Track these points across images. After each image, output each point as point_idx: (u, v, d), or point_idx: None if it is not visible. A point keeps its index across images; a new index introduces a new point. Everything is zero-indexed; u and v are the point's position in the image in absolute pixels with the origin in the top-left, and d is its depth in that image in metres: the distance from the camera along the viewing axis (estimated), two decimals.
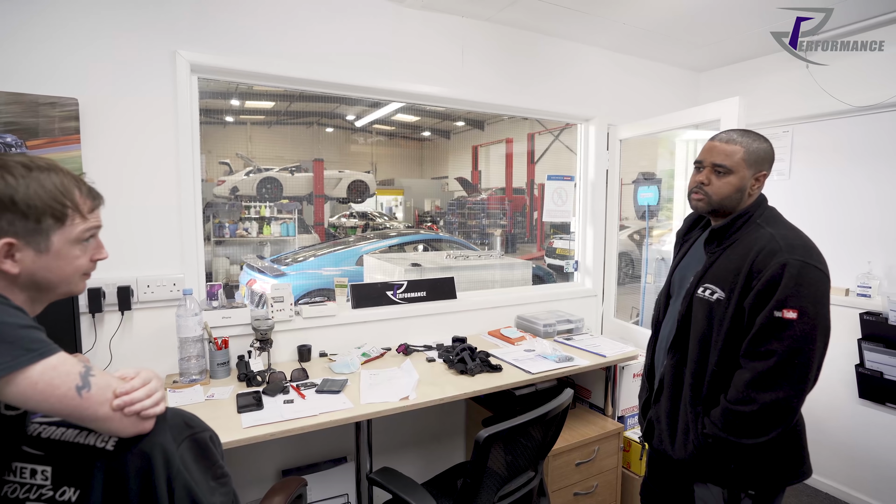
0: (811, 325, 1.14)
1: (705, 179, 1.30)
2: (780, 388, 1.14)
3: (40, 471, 0.79)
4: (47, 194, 0.77)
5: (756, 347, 1.17)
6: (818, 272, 1.17)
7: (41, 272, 0.79)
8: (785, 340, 1.14)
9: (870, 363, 2.32)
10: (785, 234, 1.23)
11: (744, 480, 1.24)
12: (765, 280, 1.16)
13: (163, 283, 1.77)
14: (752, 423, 1.17)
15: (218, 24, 1.82)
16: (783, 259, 1.16)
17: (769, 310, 1.15)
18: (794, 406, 1.17)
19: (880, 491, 2.37)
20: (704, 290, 1.28)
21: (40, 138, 1.53)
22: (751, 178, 1.28)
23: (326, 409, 1.52)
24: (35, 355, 0.72)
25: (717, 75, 3.10)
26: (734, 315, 1.21)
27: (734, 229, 1.29)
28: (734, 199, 1.29)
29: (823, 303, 1.17)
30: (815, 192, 2.65)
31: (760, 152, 1.29)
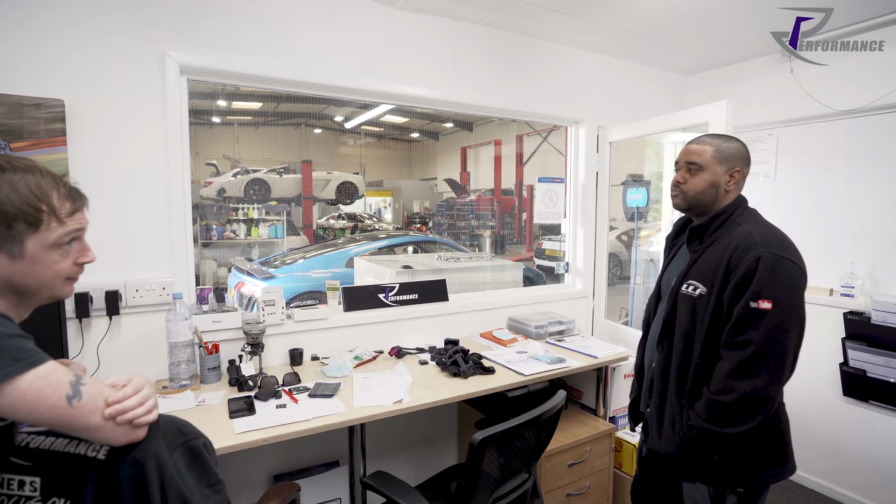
0: (785, 315, 1.19)
1: (681, 178, 1.39)
2: (758, 377, 1.18)
3: (29, 482, 0.77)
4: (20, 198, 0.74)
5: (734, 338, 1.21)
6: (792, 265, 1.22)
7: (17, 277, 0.76)
8: (761, 330, 1.18)
9: (853, 362, 2.37)
10: (761, 231, 1.28)
11: (729, 475, 1.27)
12: (741, 273, 1.21)
13: (152, 287, 1.75)
14: (733, 412, 1.20)
15: (208, 26, 1.80)
16: (758, 252, 1.21)
17: (745, 301, 1.20)
18: (772, 394, 1.20)
19: (864, 486, 2.42)
20: (688, 286, 1.33)
21: (25, 140, 1.50)
22: (724, 174, 1.36)
23: (320, 414, 1.51)
24: (23, 365, 0.70)
25: (704, 78, 3.14)
26: (715, 308, 1.26)
27: (714, 228, 1.35)
28: (709, 194, 1.36)
29: (797, 294, 1.22)
30: (800, 194, 2.70)
31: (731, 150, 1.37)
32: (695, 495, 1.33)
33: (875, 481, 2.38)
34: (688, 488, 1.34)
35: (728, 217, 1.35)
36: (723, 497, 1.28)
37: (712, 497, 1.29)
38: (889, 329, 2.22)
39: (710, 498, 1.29)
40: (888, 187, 2.36)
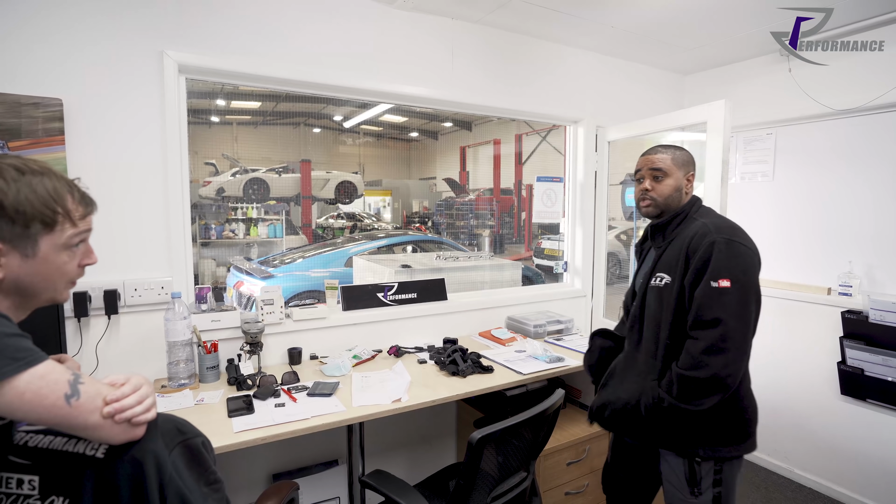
0: (744, 291, 1.30)
1: (649, 186, 1.49)
2: (729, 353, 1.26)
3: (27, 480, 0.77)
4: (38, 200, 0.76)
5: (702, 316, 1.30)
6: (743, 247, 1.34)
7: (26, 277, 0.77)
8: (726, 307, 1.28)
9: (851, 360, 2.38)
10: (714, 221, 1.41)
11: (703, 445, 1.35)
12: (699, 258, 1.33)
13: (150, 287, 1.75)
14: (702, 387, 1.27)
15: (206, 25, 1.80)
16: (711, 238, 1.33)
17: (706, 282, 1.30)
18: (737, 370, 1.28)
19: (862, 485, 2.43)
20: (656, 279, 1.45)
21: (23, 139, 1.50)
22: (683, 178, 1.49)
23: (318, 413, 1.51)
24: (21, 364, 0.70)
25: (702, 78, 3.15)
26: (678, 294, 1.37)
27: (675, 225, 1.48)
28: (675, 197, 1.48)
29: (751, 271, 1.33)
30: (798, 194, 2.71)
31: (684, 157, 1.51)
32: (669, 474, 1.42)
33: (873, 479, 2.39)
34: (664, 468, 1.43)
35: (686, 215, 1.47)
36: (696, 473, 1.36)
37: (687, 474, 1.37)
38: (887, 328, 2.23)
39: (686, 475, 1.37)
40: (886, 186, 2.36)
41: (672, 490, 1.42)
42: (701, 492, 1.36)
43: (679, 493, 1.40)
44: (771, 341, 2.79)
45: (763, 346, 2.81)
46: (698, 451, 1.35)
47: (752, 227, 2.86)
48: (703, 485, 1.35)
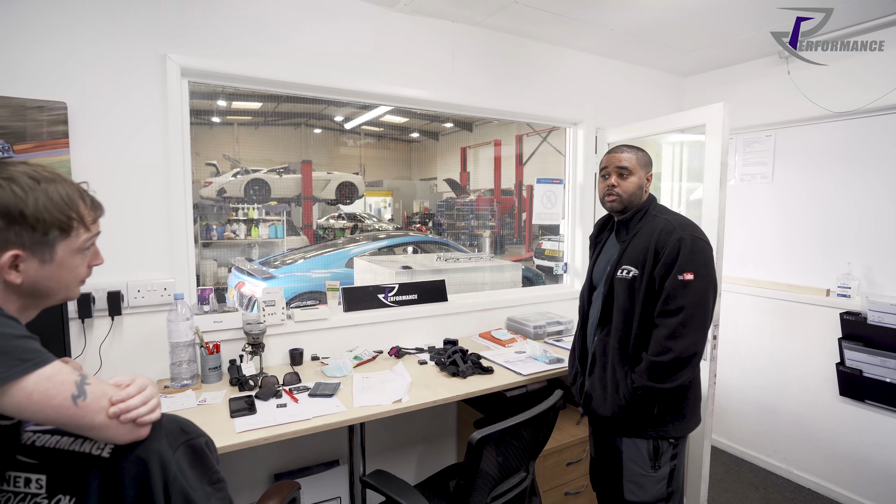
0: (705, 282, 1.46)
1: (615, 182, 1.60)
2: (688, 336, 1.43)
3: (35, 479, 0.79)
4: (55, 207, 0.78)
5: (667, 307, 1.46)
6: (703, 243, 1.50)
7: (43, 281, 0.79)
8: (688, 296, 1.44)
9: (850, 362, 2.39)
10: (676, 218, 1.55)
11: (662, 426, 1.52)
12: (667, 253, 1.47)
13: (153, 288, 1.76)
14: (670, 369, 1.44)
15: (207, 29, 1.82)
16: (678, 235, 1.48)
17: (674, 275, 1.45)
18: (699, 350, 1.46)
19: (860, 485, 2.44)
20: (622, 271, 1.56)
21: (28, 142, 1.51)
22: (644, 177, 1.61)
23: (320, 413, 1.52)
24: (30, 365, 0.72)
25: (702, 80, 3.16)
26: (647, 286, 1.50)
27: (637, 220, 1.60)
28: (637, 195, 1.60)
29: (710, 265, 1.49)
30: (797, 196, 2.72)
31: (645, 158, 1.64)
32: (633, 454, 1.56)
33: (871, 480, 2.40)
34: (626, 447, 1.57)
35: (646, 211, 1.60)
36: (659, 449, 1.53)
37: (650, 452, 1.53)
38: (885, 329, 2.24)
39: (649, 454, 1.53)
40: (885, 188, 2.37)
41: (633, 465, 1.56)
42: (661, 465, 1.54)
43: (641, 468, 1.55)
44: (770, 343, 2.80)
45: (762, 347, 2.83)
46: (660, 431, 1.52)
47: (752, 228, 2.90)
48: (663, 460, 1.54)
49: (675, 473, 1.55)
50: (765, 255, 2.85)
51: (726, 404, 3.00)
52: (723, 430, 3.04)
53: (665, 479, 1.54)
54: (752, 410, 2.90)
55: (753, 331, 2.86)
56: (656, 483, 1.54)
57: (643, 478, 1.55)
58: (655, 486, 1.54)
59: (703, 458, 2.12)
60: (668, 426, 1.52)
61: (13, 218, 0.75)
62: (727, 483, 2.69)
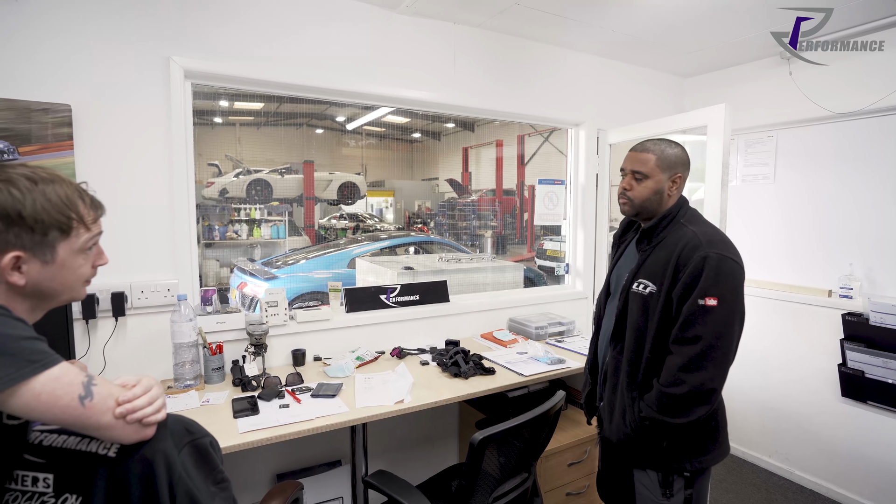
0: (730, 311, 1.28)
1: (627, 185, 1.46)
2: (706, 370, 1.26)
3: (42, 478, 0.80)
4: (53, 208, 0.78)
5: (684, 333, 1.29)
6: (734, 264, 1.31)
7: (46, 282, 0.80)
8: (708, 325, 1.26)
9: (852, 363, 2.39)
10: (705, 231, 1.37)
11: (676, 460, 1.36)
12: (689, 272, 1.29)
13: (157, 289, 1.77)
14: (682, 403, 1.28)
15: (211, 31, 1.83)
16: (704, 252, 1.29)
17: (694, 298, 1.28)
18: (717, 386, 1.29)
19: (862, 486, 2.44)
20: (638, 284, 1.40)
21: (33, 144, 1.53)
22: (666, 180, 1.42)
23: (322, 414, 1.53)
24: (38, 367, 0.73)
25: (703, 81, 3.16)
26: (664, 306, 1.34)
27: (661, 228, 1.43)
28: (653, 200, 1.43)
29: (739, 290, 1.31)
30: (799, 196, 2.72)
31: (672, 157, 1.43)
32: (645, 481, 1.42)
33: (873, 481, 2.40)
34: (638, 475, 1.44)
35: (672, 219, 1.42)
36: (670, 481, 1.38)
37: (661, 482, 1.39)
38: (887, 330, 2.24)
39: (660, 483, 1.39)
40: (887, 189, 2.37)
41: (644, 490, 1.44)
42: (673, 494, 1.38)
43: (651, 495, 1.41)
44: (772, 343, 2.80)
45: (764, 347, 2.83)
46: (673, 465, 1.37)
47: (753, 229, 2.90)
48: (675, 488, 1.38)
49: (691, 502, 1.39)
50: (767, 255, 2.85)
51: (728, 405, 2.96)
52: None
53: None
54: (754, 411, 2.90)
55: (755, 331, 2.86)
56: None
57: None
58: None
59: None
60: (684, 461, 1.36)
61: (12, 220, 0.75)
62: (729, 483, 2.69)
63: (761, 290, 2.82)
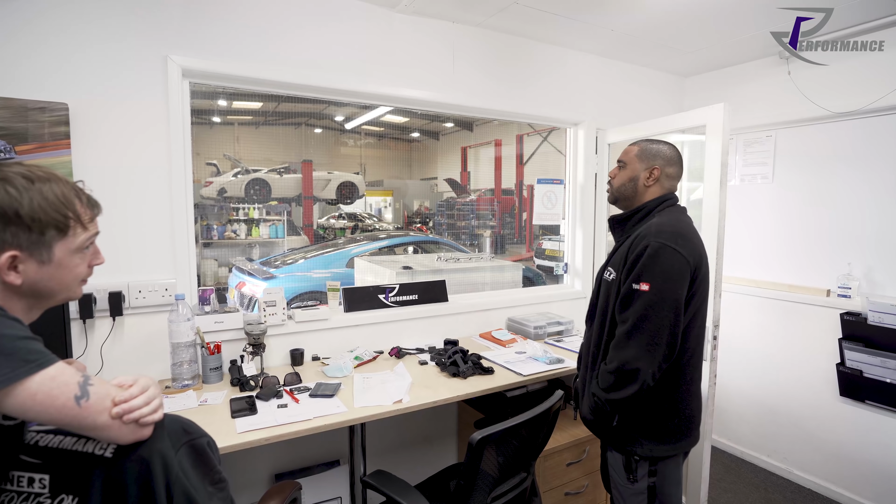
0: (659, 297, 1.32)
1: (612, 174, 1.57)
2: (630, 349, 1.33)
3: (38, 479, 0.79)
4: (50, 206, 0.78)
5: (619, 315, 1.39)
6: (674, 253, 1.34)
7: (43, 282, 0.80)
8: (636, 307, 1.34)
9: (850, 362, 2.39)
10: (661, 223, 1.41)
11: (628, 442, 1.43)
12: (632, 258, 1.38)
13: (154, 289, 1.77)
14: (612, 379, 1.36)
15: (209, 30, 1.82)
16: (647, 241, 1.36)
17: (629, 283, 1.37)
18: (640, 367, 1.31)
19: (860, 486, 2.44)
20: (608, 273, 1.50)
21: (30, 143, 1.52)
22: (642, 170, 1.50)
23: (321, 413, 1.53)
24: (33, 366, 0.72)
25: (702, 80, 3.16)
26: (618, 291, 1.42)
27: (635, 221, 1.50)
28: (628, 187, 1.52)
29: (673, 278, 1.34)
30: (797, 196, 2.72)
31: (653, 150, 1.51)
32: (615, 464, 1.50)
33: (871, 480, 2.40)
34: (611, 458, 1.52)
35: (648, 212, 1.48)
36: (633, 466, 1.44)
37: (625, 465, 1.46)
38: (885, 330, 2.24)
39: (624, 466, 1.46)
40: (885, 188, 2.38)
41: (614, 474, 1.51)
42: (637, 479, 1.44)
43: (619, 478, 1.49)
44: (770, 343, 2.80)
45: (762, 347, 2.83)
46: (634, 448, 1.42)
47: (752, 228, 2.90)
48: (639, 474, 1.44)
49: (656, 491, 1.44)
50: (765, 255, 2.86)
51: (726, 404, 3.00)
52: (723, 431, 3.05)
53: (644, 494, 1.44)
54: (753, 411, 2.90)
55: (754, 331, 2.86)
56: (634, 496, 1.46)
57: (622, 487, 1.49)
58: (634, 499, 1.46)
59: (704, 458, 2.13)
60: (635, 445, 1.42)
61: (8, 218, 0.74)
62: (727, 483, 2.70)
63: (759, 290, 2.83)
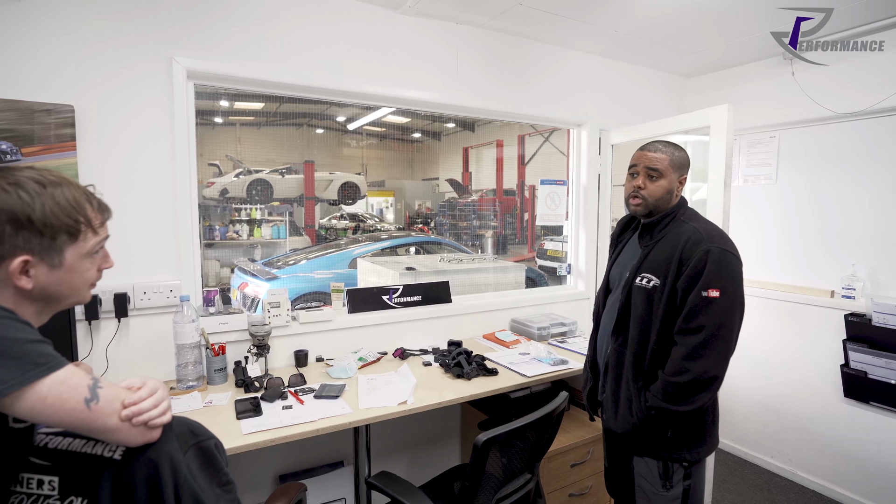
0: (731, 302, 1.34)
1: (641, 184, 1.48)
2: (708, 358, 1.32)
3: (47, 481, 0.80)
4: (62, 211, 0.78)
5: (688, 324, 1.35)
6: (734, 258, 1.38)
7: (53, 286, 0.80)
8: (711, 315, 1.32)
9: (854, 363, 2.39)
10: (706, 227, 1.43)
11: (676, 450, 1.42)
12: (692, 265, 1.35)
13: (159, 290, 1.77)
14: (686, 391, 1.33)
15: (213, 31, 1.83)
16: (706, 247, 1.35)
17: (697, 290, 1.34)
18: (719, 374, 1.34)
19: (864, 487, 2.44)
20: (642, 279, 1.45)
21: (36, 145, 1.52)
22: (676, 181, 1.48)
23: (326, 415, 1.53)
24: (43, 370, 0.72)
25: (705, 81, 3.16)
26: (669, 298, 1.39)
27: (663, 225, 1.48)
28: (665, 200, 1.48)
29: (739, 282, 1.37)
30: (801, 196, 2.71)
31: (681, 159, 1.49)
32: (645, 473, 1.48)
33: (876, 482, 2.39)
34: (638, 467, 1.49)
35: (674, 216, 1.48)
36: (670, 472, 1.44)
37: (661, 473, 1.44)
38: (890, 331, 2.24)
39: (660, 474, 1.44)
40: (889, 189, 2.37)
41: (644, 483, 1.49)
42: (672, 485, 1.44)
43: (652, 486, 1.47)
44: (774, 344, 2.80)
45: (766, 348, 2.83)
46: (682, 454, 1.42)
47: (755, 229, 2.90)
48: (675, 479, 1.44)
49: (690, 493, 1.44)
50: (769, 255, 2.85)
51: (730, 405, 3.00)
52: (727, 432, 3.04)
53: (678, 499, 1.44)
54: (756, 411, 2.89)
55: (758, 332, 2.86)
56: (669, 502, 1.45)
57: (655, 496, 1.46)
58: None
59: (708, 459, 2.12)
60: (682, 451, 1.41)
61: (21, 223, 0.75)
62: (731, 484, 2.69)
63: (764, 291, 2.82)
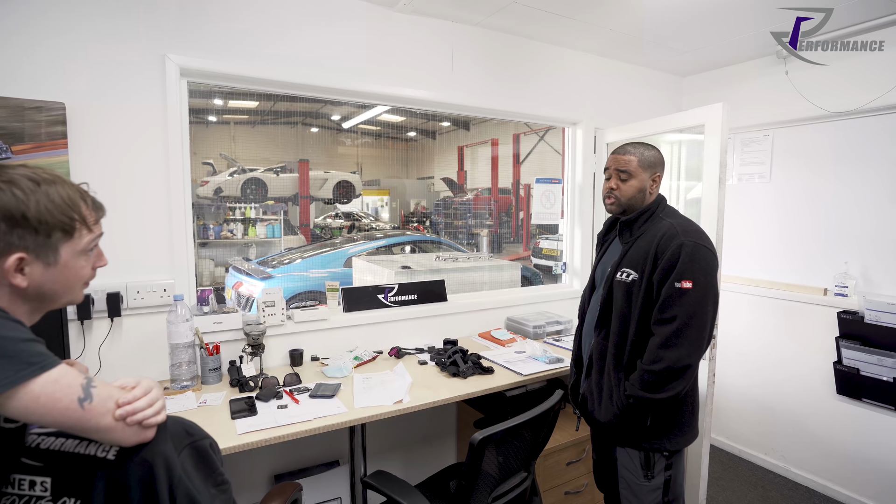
0: (703, 292, 1.39)
1: (614, 185, 1.57)
2: (681, 346, 1.38)
3: (40, 482, 0.79)
4: (57, 209, 0.77)
5: (662, 314, 1.41)
6: (707, 251, 1.44)
7: (48, 284, 0.79)
8: (683, 306, 1.38)
9: (847, 360, 2.41)
10: (681, 223, 1.49)
11: (657, 439, 1.48)
12: (666, 258, 1.42)
13: (153, 289, 1.76)
14: (661, 379, 1.39)
15: (207, 29, 1.81)
16: (680, 241, 1.42)
17: (671, 282, 1.40)
18: (692, 362, 1.40)
19: (857, 483, 2.46)
20: (622, 273, 1.52)
21: (26, 143, 1.51)
22: (648, 179, 1.55)
23: (321, 414, 1.52)
24: (36, 369, 0.71)
25: (700, 80, 3.17)
26: (646, 291, 1.46)
27: (641, 222, 1.55)
28: (637, 198, 1.55)
29: (712, 274, 1.43)
30: (794, 195, 2.73)
31: (651, 158, 1.57)
32: (627, 464, 1.54)
33: (868, 478, 2.42)
34: (621, 458, 1.56)
35: (652, 213, 1.55)
36: (651, 462, 1.49)
37: (643, 463, 1.50)
38: (882, 328, 2.26)
39: (642, 464, 1.50)
40: (882, 187, 2.39)
41: (627, 474, 1.54)
42: (654, 475, 1.50)
43: (634, 477, 1.53)
44: (767, 341, 2.81)
45: (760, 346, 2.85)
46: (662, 443, 1.48)
47: (749, 228, 2.91)
48: (656, 469, 1.50)
49: (671, 483, 1.51)
50: (763, 254, 2.87)
51: (724, 403, 3.01)
52: (721, 429, 3.06)
53: (660, 489, 1.50)
54: (751, 409, 2.91)
55: (751, 330, 2.88)
56: (650, 492, 1.51)
57: (637, 486, 1.52)
58: (650, 495, 1.51)
59: (702, 456, 2.13)
60: (662, 440, 1.48)
61: (15, 221, 0.74)
62: (725, 481, 2.71)
63: (757, 289, 2.84)
